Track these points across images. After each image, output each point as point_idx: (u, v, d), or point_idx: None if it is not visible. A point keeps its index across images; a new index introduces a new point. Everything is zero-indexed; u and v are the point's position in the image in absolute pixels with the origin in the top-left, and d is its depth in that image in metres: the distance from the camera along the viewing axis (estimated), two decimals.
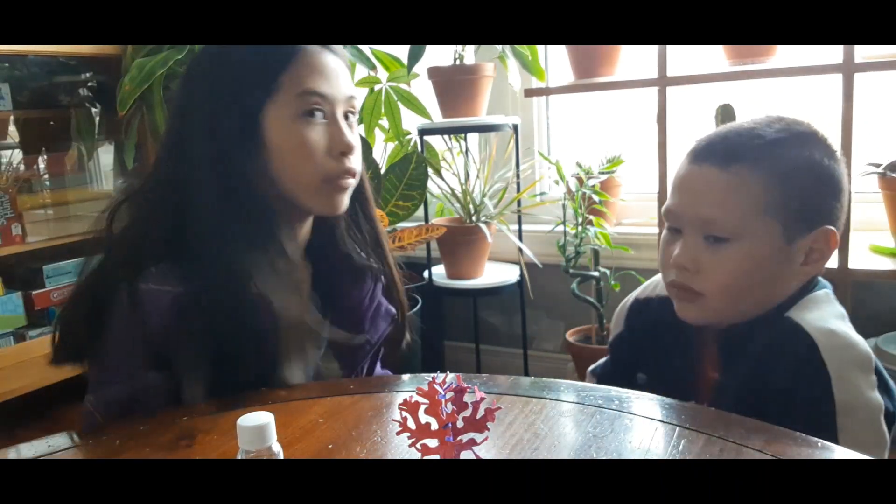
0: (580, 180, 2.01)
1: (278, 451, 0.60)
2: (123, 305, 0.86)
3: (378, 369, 1.19)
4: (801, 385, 0.80)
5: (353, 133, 0.96)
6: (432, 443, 0.62)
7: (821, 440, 0.69)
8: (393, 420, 0.79)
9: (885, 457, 0.80)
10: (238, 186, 0.91)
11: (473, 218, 2.18)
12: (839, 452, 0.68)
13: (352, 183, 0.95)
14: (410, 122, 2.21)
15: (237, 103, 0.90)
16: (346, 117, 0.95)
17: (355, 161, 0.95)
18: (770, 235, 0.85)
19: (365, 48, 2.02)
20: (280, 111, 0.90)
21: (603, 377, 1.07)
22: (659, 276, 1.04)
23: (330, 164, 0.92)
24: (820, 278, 0.93)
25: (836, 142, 0.92)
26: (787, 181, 0.85)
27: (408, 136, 2.24)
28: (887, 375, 0.84)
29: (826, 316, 0.86)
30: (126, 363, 0.88)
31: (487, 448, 0.69)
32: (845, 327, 0.85)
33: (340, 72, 0.94)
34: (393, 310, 1.08)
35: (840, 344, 0.82)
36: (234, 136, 0.90)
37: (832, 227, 0.87)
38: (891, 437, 0.81)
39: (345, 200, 0.96)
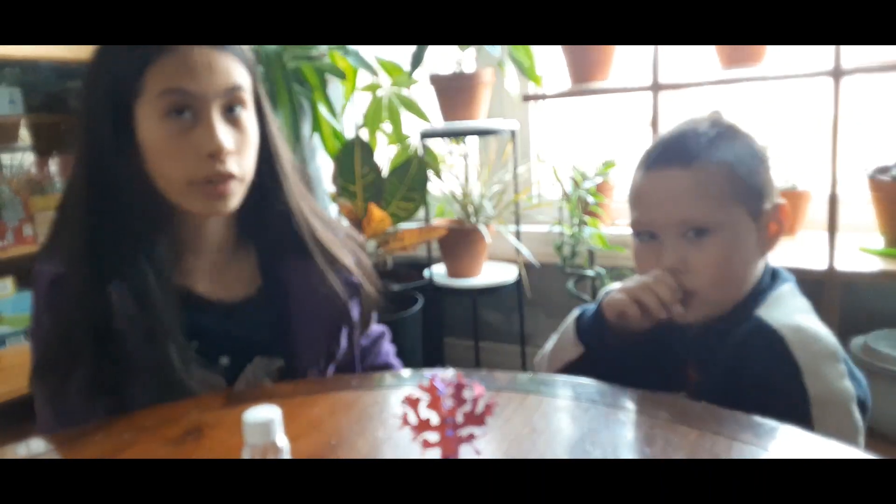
0: (576, 183, 2.02)
1: (284, 445, 0.59)
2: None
3: (383, 357, 1.18)
4: (773, 381, 0.82)
5: (238, 129, 0.90)
6: (433, 437, 0.63)
7: (809, 432, 0.71)
8: (394, 415, 0.79)
9: (861, 443, 0.81)
10: (110, 184, 0.88)
11: (473, 219, 2.18)
12: (828, 446, 0.69)
13: (231, 187, 0.89)
14: (412, 126, 2.22)
15: (109, 101, 0.87)
16: (231, 110, 0.89)
17: (232, 163, 0.88)
18: (741, 218, 0.90)
19: (367, 55, 2.04)
20: (147, 110, 0.87)
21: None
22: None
23: (198, 166, 0.87)
24: (782, 271, 0.96)
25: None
26: (740, 167, 0.90)
27: (409, 140, 2.25)
28: (853, 365, 0.86)
29: (791, 311, 0.88)
30: (35, 335, 0.93)
31: (486, 442, 0.69)
32: (811, 321, 0.87)
33: (214, 65, 0.87)
34: (354, 280, 1.04)
35: (807, 338, 0.83)
36: (107, 134, 0.88)
37: (783, 201, 0.94)
38: (864, 424, 0.83)
39: (226, 204, 0.90)
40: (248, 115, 0.92)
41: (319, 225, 1.02)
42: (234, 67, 0.89)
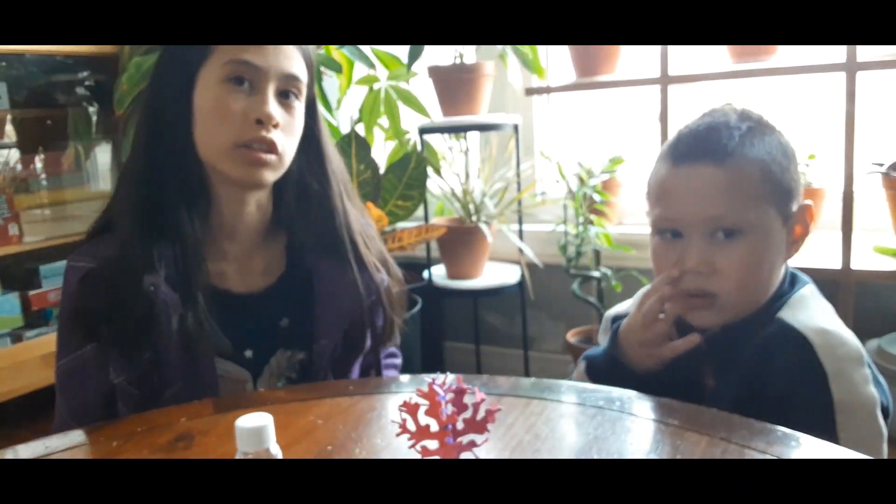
0: (581, 180, 2.01)
1: (277, 452, 0.60)
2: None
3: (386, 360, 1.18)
4: (798, 386, 0.81)
5: (288, 113, 0.96)
6: (432, 444, 0.62)
7: (823, 441, 0.69)
8: (392, 421, 0.77)
9: (885, 450, 0.81)
10: (168, 149, 0.95)
11: (474, 218, 2.17)
12: (841, 453, 0.68)
13: (271, 158, 0.94)
14: (410, 121, 2.21)
15: (177, 65, 0.95)
16: (286, 96, 0.96)
17: (276, 135, 0.94)
18: (771, 220, 0.88)
19: (364, 47, 2.02)
20: (209, 75, 0.93)
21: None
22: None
23: (244, 129, 0.92)
24: (800, 274, 0.95)
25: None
26: (774, 165, 0.88)
27: (407, 136, 2.23)
28: (876, 369, 0.85)
29: (816, 314, 0.87)
30: (66, 335, 0.96)
31: (488, 450, 0.68)
32: (836, 324, 0.86)
33: (280, 48, 0.95)
34: (381, 285, 1.07)
35: (834, 342, 0.82)
36: (169, 95, 0.95)
37: (809, 202, 0.92)
38: (887, 430, 0.81)
39: (264, 174, 0.95)
40: (299, 106, 0.99)
41: (358, 230, 1.06)
42: (297, 59, 0.97)
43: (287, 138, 0.96)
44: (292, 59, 0.96)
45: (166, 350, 0.92)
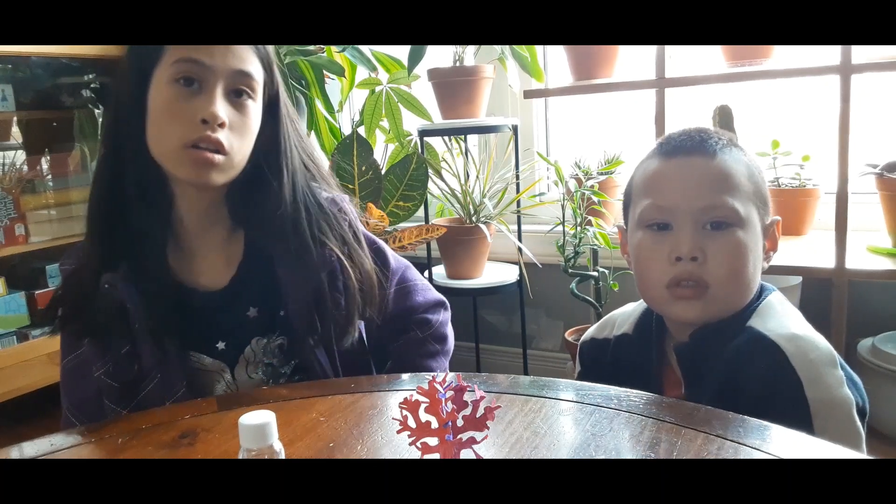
0: (579, 181, 2.01)
1: (279, 449, 0.60)
2: None
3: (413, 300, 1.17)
4: (772, 393, 0.81)
5: (240, 112, 0.94)
6: (432, 441, 0.62)
7: (819, 440, 0.70)
8: (393, 419, 0.77)
9: (863, 450, 0.80)
10: (126, 148, 0.95)
11: (473, 218, 2.17)
12: (835, 449, 0.68)
13: (219, 159, 0.92)
14: (411, 123, 2.21)
15: (135, 67, 0.95)
16: (238, 94, 0.95)
17: (223, 135, 0.92)
18: (755, 219, 0.90)
19: (366, 50, 2.03)
20: (161, 75, 0.93)
21: None
22: (617, 313, 1.06)
23: (191, 129, 0.91)
24: (764, 283, 0.95)
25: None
26: (755, 171, 0.92)
27: (408, 138, 2.24)
28: (850, 370, 0.85)
29: (785, 321, 0.87)
30: (66, 335, 1.00)
31: (487, 446, 0.69)
32: (805, 329, 0.87)
33: (231, 47, 0.93)
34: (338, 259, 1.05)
35: (805, 347, 0.82)
36: (127, 97, 0.95)
37: (779, 218, 0.95)
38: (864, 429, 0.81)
39: (212, 175, 0.93)
40: (253, 106, 0.97)
41: (314, 214, 1.04)
42: (249, 57, 0.95)
43: (236, 138, 0.94)
44: (244, 57, 0.94)
45: (140, 343, 0.95)
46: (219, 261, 1.04)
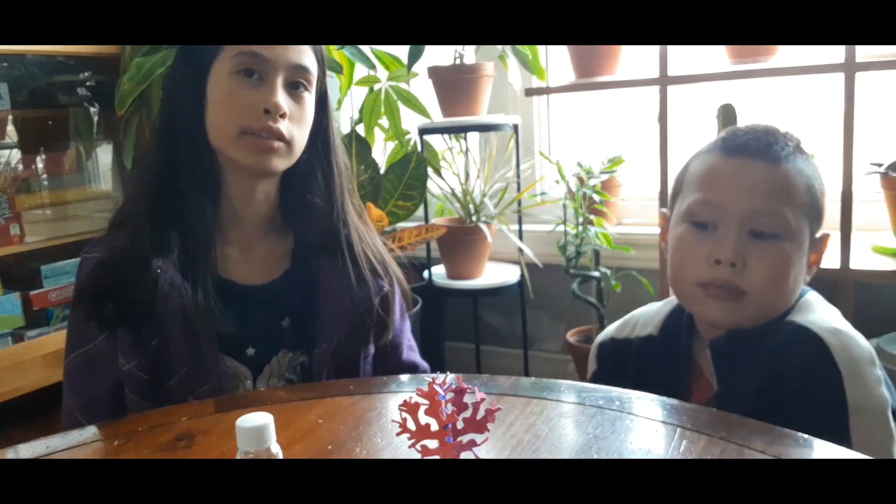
0: (581, 180, 2.01)
1: (277, 452, 0.60)
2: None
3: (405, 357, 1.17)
4: (813, 387, 0.80)
5: (298, 103, 0.98)
6: (432, 444, 0.62)
7: (822, 441, 0.69)
8: (393, 421, 0.78)
9: (893, 452, 0.80)
10: (181, 137, 0.98)
11: (473, 218, 2.17)
12: (841, 453, 0.68)
13: (279, 146, 0.96)
14: (410, 121, 2.21)
15: (192, 60, 0.98)
16: (296, 87, 0.98)
17: (284, 125, 0.96)
18: (804, 233, 0.89)
19: (365, 48, 2.02)
20: (221, 67, 0.96)
21: None
22: (638, 313, 1.04)
23: (252, 117, 0.94)
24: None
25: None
26: (815, 185, 0.91)
27: (407, 136, 2.23)
28: (885, 372, 0.84)
29: (827, 316, 0.87)
30: (77, 328, 0.97)
31: (487, 449, 0.68)
32: (847, 325, 0.86)
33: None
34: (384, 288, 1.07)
35: (848, 342, 0.82)
36: (185, 88, 0.98)
37: (829, 232, 0.94)
38: None
39: (273, 161, 0.96)
40: (309, 98, 1.00)
41: (354, 228, 1.07)
42: (306, 52, 0.99)
43: (296, 128, 0.98)
44: (302, 51, 0.98)
45: (172, 334, 0.94)
46: (259, 256, 1.04)
